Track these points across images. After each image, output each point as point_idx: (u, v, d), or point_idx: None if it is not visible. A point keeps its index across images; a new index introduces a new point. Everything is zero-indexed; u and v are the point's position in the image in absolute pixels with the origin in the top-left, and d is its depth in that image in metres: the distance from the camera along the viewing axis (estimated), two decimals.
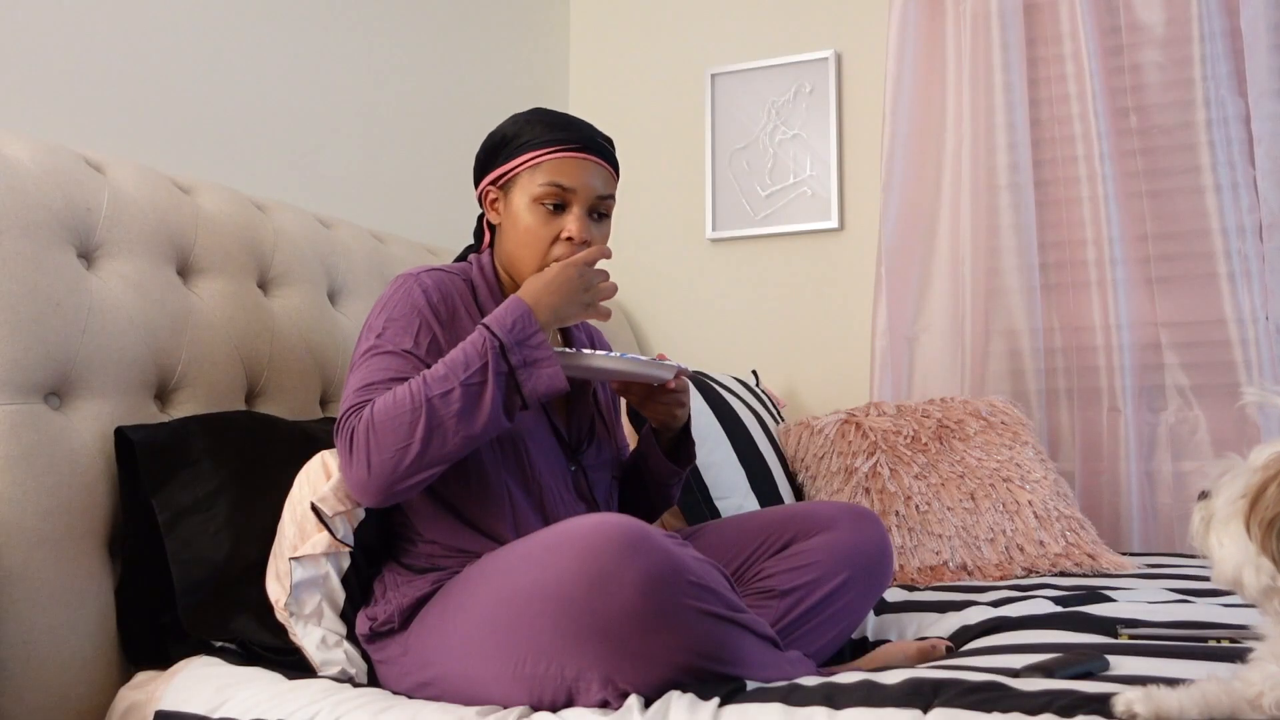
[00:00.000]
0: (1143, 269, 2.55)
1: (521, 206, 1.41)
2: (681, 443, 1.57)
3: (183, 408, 1.57)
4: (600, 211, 1.44)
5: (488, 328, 1.29)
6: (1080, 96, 2.58)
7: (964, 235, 2.66)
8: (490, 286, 1.47)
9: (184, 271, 1.64)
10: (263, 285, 1.78)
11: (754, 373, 2.84)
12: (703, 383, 2.38)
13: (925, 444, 2.27)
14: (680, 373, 1.44)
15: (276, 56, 2.14)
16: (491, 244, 1.52)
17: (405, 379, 1.30)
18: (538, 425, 1.42)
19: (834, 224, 2.87)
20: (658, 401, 1.48)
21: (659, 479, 1.57)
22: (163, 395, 1.57)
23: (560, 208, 1.41)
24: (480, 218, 1.54)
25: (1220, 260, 2.46)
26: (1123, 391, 2.51)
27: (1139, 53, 2.58)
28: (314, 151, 2.23)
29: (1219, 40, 2.47)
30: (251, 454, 1.51)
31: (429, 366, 1.32)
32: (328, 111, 2.27)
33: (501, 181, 1.45)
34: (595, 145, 1.43)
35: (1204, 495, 0.92)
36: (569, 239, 1.40)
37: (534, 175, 1.40)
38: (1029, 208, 2.63)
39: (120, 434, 1.42)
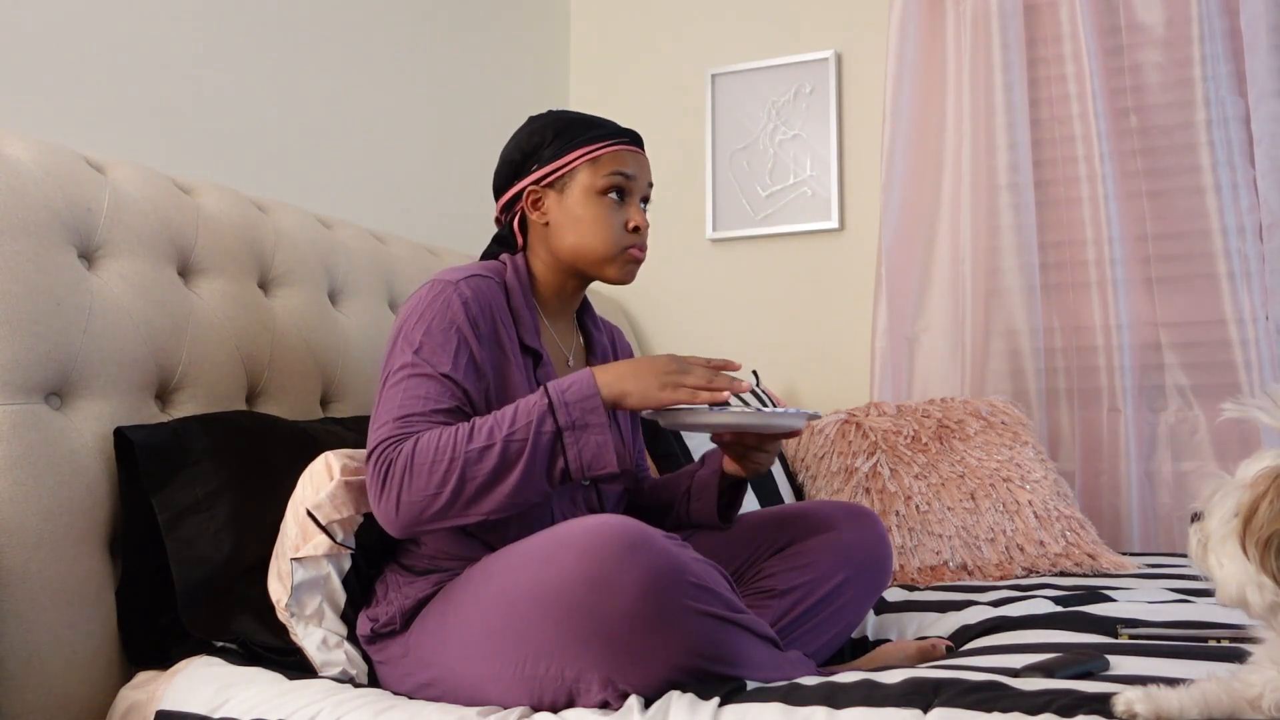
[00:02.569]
0: (1143, 269, 2.55)
1: (580, 201, 1.42)
2: (737, 492, 1.52)
3: (183, 408, 1.57)
4: (648, 199, 1.49)
5: (546, 386, 1.26)
6: (1080, 96, 2.58)
7: (964, 235, 2.66)
8: (524, 289, 1.45)
9: (185, 272, 1.64)
10: (263, 285, 1.78)
11: (754, 373, 2.84)
12: None
13: (925, 444, 2.27)
14: (811, 420, 1.34)
15: (277, 57, 2.14)
16: (525, 246, 1.50)
17: (444, 410, 1.28)
18: None
19: (834, 224, 2.88)
20: (763, 450, 1.42)
21: (696, 523, 1.54)
22: (163, 395, 1.57)
23: (620, 199, 1.43)
24: (510, 222, 1.51)
25: (1220, 260, 2.46)
26: (1123, 391, 2.52)
27: (1139, 53, 2.58)
28: (314, 151, 2.23)
29: (1219, 40, 2.48)
30: (252, 454, 1.51)
31: (465, 391, 1.31)
32: (328, 111, 2.27)
33: (551, 179, 1.44)
34: (637, 139, 1.48)
35: (1197, 517, 0.92)
36: (635, 229, 1.44)
37: (595, 168, 1.42)
38: (1029, 208, 2.63)
39: (120, 434, 1.42)
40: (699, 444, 2.19)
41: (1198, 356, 2.50)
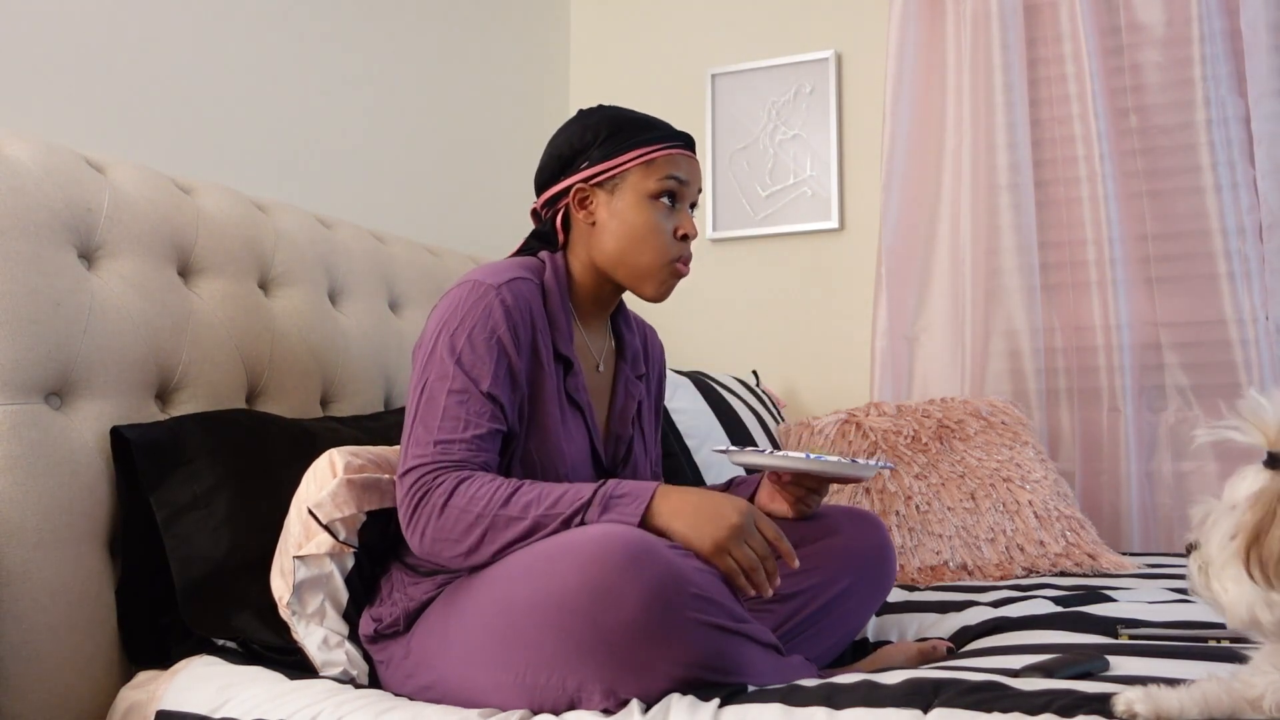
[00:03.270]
0: (1143, 269, 2.55)
1: (631, 204, 1.39)
2: None
3: (183, 408, 1.57)
4: (696, 205, 1.47)
5: (604, 482, 1.23)
6: (1080, 96, 2.58)
7: (964, 235, 2.66)
8: (562, 292, 1.42)
9: (185, 272, 1.64)
10: (263, 285, 1.78)
11: (754, 373, 2.84)
12: (703, 383, 2.38)
13: (925, 444, 2.27)
14: (881, 472, 1.36)
15: (277, 56, 2.14)
16: (565, 244, 1.46)
17: (482, 434, 1.27)
18: (581, 454, 1.40)
19: (834, 224, 2.87)
20: (819, 493, 1.44)
21: None
22: (163, 395, 1.57)
23: (672, 205, 1.41)
24: (554, 218, 1.46)
25: (1220, 260, 2.46)
26: (1123, 391, 2.52)
27: (1139, 53, 2.58)
28: (314, 151, 2.23)
29: (1219, 40, 2.48)
30: (249, 451, 1.51)
31: (502, 406, 1.29)
32: (328, 111, 2.27)
33: (602, 178, 1.40)
34: (691, 142, 1.45)
35: (1192, 547, 0.91)
36: (684, 236, 1.41)
37: (650, 170, 1.39)
38: (1029, 208, 2.63)
39: (117, 433, 1.42)
40: (698, 441, 2.19)
41: (1198, 356, 2.50)
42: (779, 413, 2.66)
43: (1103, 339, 2.55)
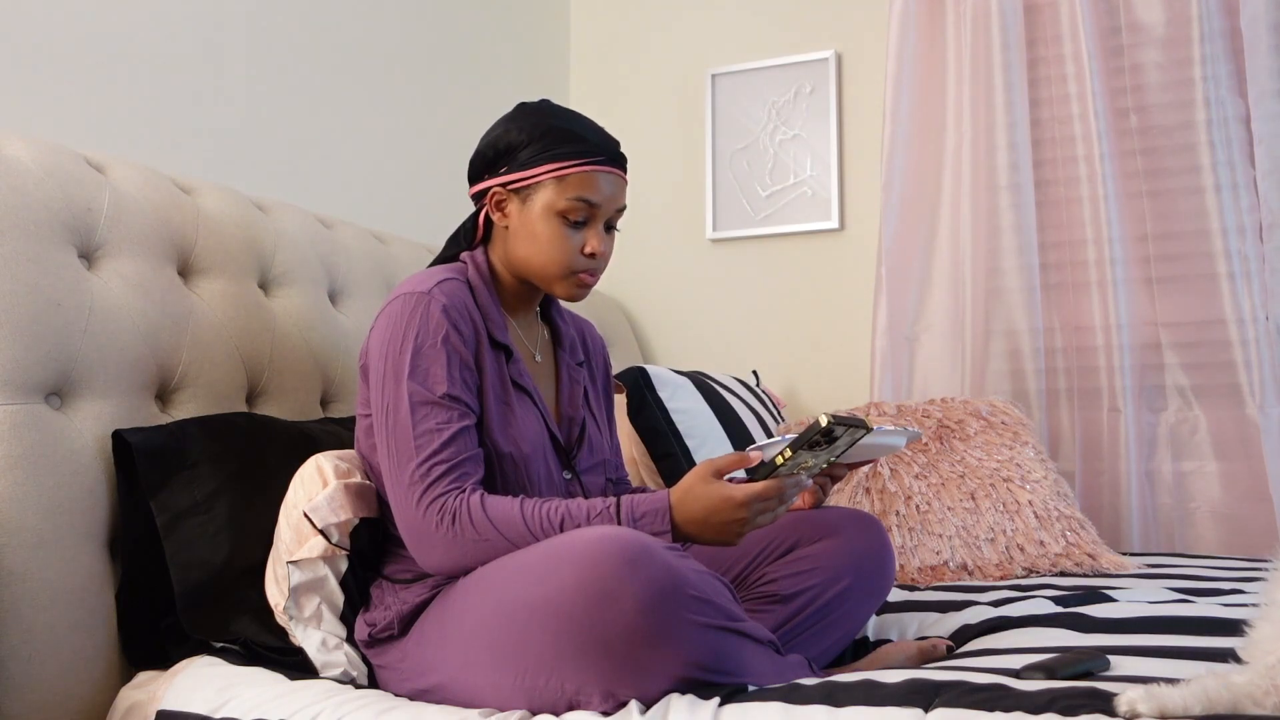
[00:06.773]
0: (1143, 269, 2.55)
1: (539, 217, 1.38)
2: None
3: (184, 408, 1.57)
4: (614, 223, 1.44)
5: (618, 507, 1.24)
6: (1080, 96, 2.58)
7: (964, 235, 2.66)
8: (487, 286, 1.43)
9: (185, 272, 1.64)
10: (264, 285, 1.78)
11: (754, 373, 2.84)
12: (703, 383, 2.38)
13: (925, 444, 2.27)
14: (913, 439, 1.36)
15: (276, 57, 2.14)
16: (485, 240, 1.49)
17: (460, 433, 1.28)
18: (539, 435, 1.40)
19: (834, 224, 2.87)
20: (838, 478, 1.46)
21: None
22: (163, 395, 1.57)
23: (582, 222, 1.39)
24: (476, 213, 1.49)
25: (1220, 260, 2.46)
26: (1123, 391, 2.51)
27: (1139, 53, 2.58)
28: (314, 151, 2.23)
29: (1219, 40, 2.47)
30: (250, 456, 1.51)
31: (466, 404, 1.31)
32: (328, 111, 2.27)
33: (516, 186, 1.40)
34: (618, 158, 1.43)
35: None
36: (591, 255, 1.40)
37: (560, 187, 1.37)
38: (1029, 208, 2.63)
39: (118, 437, 1.42)
40: (698, 442, 2.19)
41: (1198, 356, 2.50)
42: (779, 413, 2.66)
43: (1103, 339, 2.55)
